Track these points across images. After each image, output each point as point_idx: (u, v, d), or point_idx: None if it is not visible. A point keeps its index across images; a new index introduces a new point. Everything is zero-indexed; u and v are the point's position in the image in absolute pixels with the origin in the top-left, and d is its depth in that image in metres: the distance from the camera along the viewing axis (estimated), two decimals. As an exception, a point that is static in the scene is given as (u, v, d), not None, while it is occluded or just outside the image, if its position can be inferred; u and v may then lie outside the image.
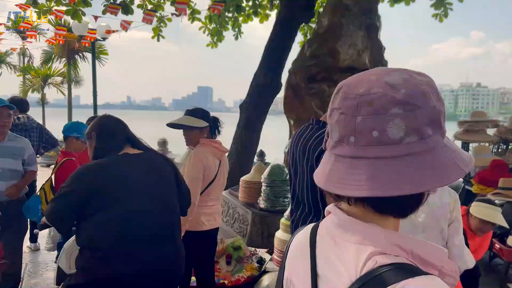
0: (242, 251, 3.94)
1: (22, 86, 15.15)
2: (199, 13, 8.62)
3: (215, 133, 3.08)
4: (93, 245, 1.83)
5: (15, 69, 21.39)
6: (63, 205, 1.86)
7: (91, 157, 2.07)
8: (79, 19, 8.04)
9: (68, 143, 3.62)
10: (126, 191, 1.87)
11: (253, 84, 6.30)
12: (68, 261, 2.32)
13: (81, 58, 14.32)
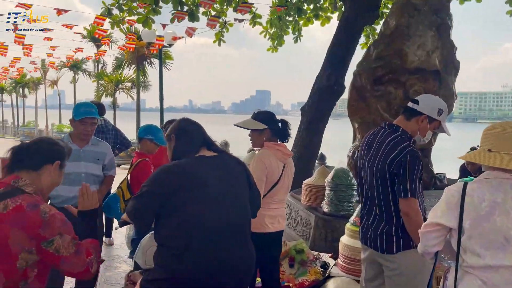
0: (305, 255, 3.93)
1: (96, 91, 16.29)
2: (260, 17, 8.76)
3: (285, 136, 3.09)
4: (169, 243, 1.92)
5: (90, 75, 23.09)
6: (143, 203, 1.98)
7: (170, 158, 2.19)
8: (149, 27, 8.49)
9: (142, 145, 3.82)
10: (201, 191, 1.95)
11: (315, 87, 6.27)
12: (144, 257, 2.46)
13: (148, 64, 15.10)
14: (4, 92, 33.96)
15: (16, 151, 1.83)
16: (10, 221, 1.59)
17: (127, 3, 8.14)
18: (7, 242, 1.58)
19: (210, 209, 1.94)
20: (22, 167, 1.77)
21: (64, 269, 1.68)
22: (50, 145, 1.88)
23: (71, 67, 22.67)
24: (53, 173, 1.83)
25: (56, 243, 1.62)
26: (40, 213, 1.63)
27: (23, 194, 1.67)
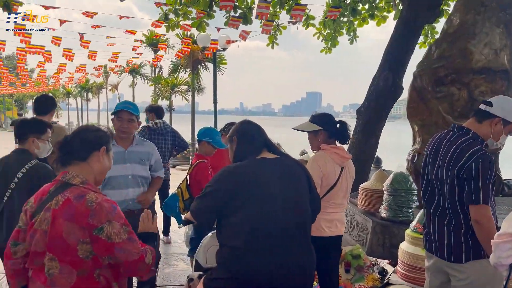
0: (362, 260, 3.84)
1: (154, 94, 16.97)
2: (313, 19, 8.70)
3: (343, 138, 3.04)
4: (231, 243, 1.96)
5: (147, 79, 24.12)
6: (205, 203, 2.04)
7: (231, 159, 2.23)
8: (203, 30, 8.71)
9: (201, 147, 3.93)
10: (262, 193, 1.98)
11: (372, 88, 6.11)
12: (204, 256, 2.53)
13: (203, 68, 15.49)
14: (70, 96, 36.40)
15: (61, 145, 1.85)
16: (61, 215, 1.66)
17: (183, 8, 8.43)
18: (62, 235, 1.66)
19: (271, 210, 1.96)
20: (71, 160, 1.81)
21: (119, 256, 1.68)
22: (92, 133, 1.90)
23: (131, 72, 23.81)
24: (102, 159, 1.87)
25: (106, 230, 1.65)
26: (86, 202, 1.67)
27: (70, 187, 1.73)
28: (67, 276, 1.67)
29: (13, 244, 1.84)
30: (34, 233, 1.72)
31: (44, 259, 1.69)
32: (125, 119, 3.06)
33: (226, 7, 7.44)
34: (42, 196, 1.77)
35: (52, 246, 1.67)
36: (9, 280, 1.87)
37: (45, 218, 1.70)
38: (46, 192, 1.78)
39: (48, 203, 1.71)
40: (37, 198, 1.80)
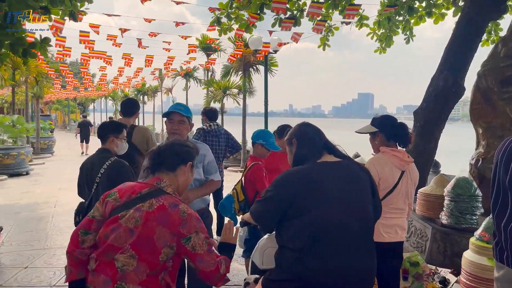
0: (421, 268, 3.69)
1: (206, 97, 17.36)
2: (367, 19, 8.51)
3: (402, 141, 2.95)
4: (292, 245, 1.96)
5: (200, 82, 24.75)
6: (267, 207, 2.06)
7: (290, 163, 2.23)
8: (251, 32, 8.79)
9: (255, 149, 3.97)
10: (324, 196, 1.96)
11: (430, 89, 5.85)
12: (261, 257, 2.55)
13: (254, 71, 15.63)
14: (127, 100, 38.18)
15: (154, 154, 2.03)
16: (155, 219, 1.78)
17: (235, 11, 8.57)
18: (153, 237, 1.77)
19: (333, 214, 1.93)
20: (161, 169, 1.98)
21: (198, 266, 1.82)
22: (182, 147, 2.07)
23: (184, 76, 24.55)
24: (187, 173, 2.03)
25: (192, 241, 1.79)
26: (180, 212, 1.81)
27: (165, 195, 1.87)
28: (139, 274, 1.76)
29: (83, 232, 1.90)
30: (117, 228, 1.80)
31: (117, 254, 1.77)
32: (176, 121, 3.06)
33: (278, 10, 7.47)
34: (131, 194, 1.87)
35: (137, 245, 1.76)
36: (71, 268, 1.89)
37: (134, 217, 1.79)
38: (136, 191, 1.88)
39: (139, 204, 1.82)
40: (124, 194, 1.89)
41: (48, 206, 8.03)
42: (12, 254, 5.11)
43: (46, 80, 18.63)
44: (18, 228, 6.38)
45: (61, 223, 6.64)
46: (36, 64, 15.09)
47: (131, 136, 4.21)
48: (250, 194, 3.80)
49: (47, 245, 5.48)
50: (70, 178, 12.04)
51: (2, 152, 12.46)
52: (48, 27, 9.37)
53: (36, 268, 4.61)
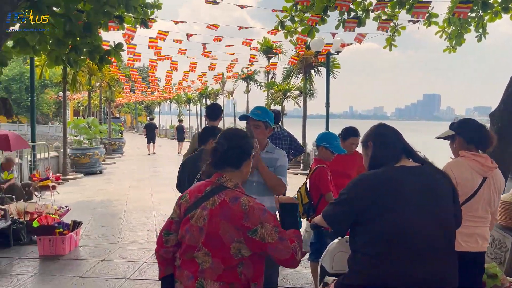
0: (499, 280, 3.46)
1: (266, 100, 17.53)
2: (436, 16, 8.12)
3: (481, 144, 2.77)
4: (367, 250, 1.92)
5: (260, 85, 25.06)
6: (340, 210, 2.04)
7: (366, 166, 2.18)
8: (313, 36, 8.73)
9: (319, 152, 3.94)
10: (403, 202, 1.90)
11: (510, 90, 5.45)
12: (331, 261, 2.53)
13: (315, 73, 15.51)
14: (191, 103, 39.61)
15: (215, 151, 2.00)
16: (218, 215, 1.82)
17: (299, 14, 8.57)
18: (218, 233, 1.81)
19: (412, 220, 1.87)
20: (225, 165, 1.96)
21: (273, 255, 1.80)
22: (243, 140, 2.01)
23: (245, 79, 24.98)
24: (250, 165, 2.04)
25: (260, 232, 1.78)
26: (241, 205, 1.81)
27: (225, 190, 1.88)
28: (216, 270, 1.83)
29: (165, 233, 2.04)
30: (190, 228, 1.89)
31: (195, 252, 1.86)
32: (252, 125, 3.05)
33: (342, 7, 7.35)
34: (198, 194, 1.94)
35: (208, 242, 1.83)
36: (159, 266, 2.07)
37: (201, 216, 1.86)
38: (202, 190, 1.94)
39: (204, 202, 1.89)
40: (192, 195, 1.97)
41: (120, 204, 8.54)
42: (90, 247, 5.51)
43: (118, 84, 19.85)
44: (95, 223, 6.86)
45: (132, 220, 7.05)
46: (109, 70, 16.16)
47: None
48: (315, 197, 3.78)
49: (121, 240, 5.85)
50: (139, 177, 12.79)
51: (79, 152, 13.47)
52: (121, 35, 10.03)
53: (112, 261, 4.93)
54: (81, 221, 5.70)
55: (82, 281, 4.32)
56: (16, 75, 45.83)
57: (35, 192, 8.05)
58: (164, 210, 7.79)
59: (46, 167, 10.65)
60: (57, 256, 5.09)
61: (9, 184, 7.43)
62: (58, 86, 41.48)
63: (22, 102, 45.45)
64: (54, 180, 8.52)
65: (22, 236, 5.64)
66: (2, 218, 5.61)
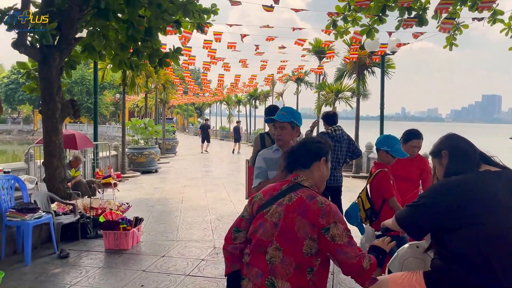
0: None
1: (317, 101, 17.37)
2: (502, 13, 7.68)
3: None
4: (457, 259, 1.87)
5: (311, 86, 24.90)
6: (418, 214, 2.00)
7: (441, 175, 2.12)
8: (373, 37, 8.54)
9: (379, 156, 3.82)
10: (495, 207, 1.84)
11: None
12: (400, 267, 2.46)
13: (369, 73, 15.17)
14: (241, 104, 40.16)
15: (289, 154, 2.16)
16: (295, 211, 1.89)
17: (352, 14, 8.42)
18: (294, 228, 1.86)
19: (501, 227, 1.81)
20: (297, 167, 2.09)
21: (340, 258, 1.81)
22: (314, 144, 2.13)
23: (296, 80, 24.93)
24: (322, 168, 2.10)
25: (332, 231, 1.83)
26: (317, 202, 1.88)
27: (302, 188, 1.98)
28: (286, 267, 1.86)
29: (235, 230, 2.13)
30: (263, 223, 1.96)
31: (268, 248, 1.91)
32: (277, 126, 3.09)
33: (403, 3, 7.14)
34: (273, 192, 2.03)
35: (281, 237, 1.89)
36: (226, 262, 2.12)
37: (276, 211, 1.94)
38: (277, 189, 2.04)
39: (280, 199, 1.97)
40: (267, 193, 2.07)
41: (176, 202, 8.83)
42: (150, 243, 5.74)
43: (172, 86, 20.52)
44: (153, 220, 7.14)
45: (188, 218, 7.26)
46: (164, 72, 16.76)
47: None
48: (377, 202, 3.69)
49: (178, 237, 6.04)
50: (192, 176, 13.15)
51: (137, 152, 14.08)
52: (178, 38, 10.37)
53: (172, 257, 5.10)
54: (142, 218, 5.96)
55: (145, 275, 4.51)
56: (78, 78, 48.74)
57: (99, 189, 8.52)
58: (219, 210, 7.95)
59: (107, 165, 11.24)
60: (121, 250, 5.36)
61: (75, 181, 7.91)
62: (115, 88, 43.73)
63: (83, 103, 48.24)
64: (115, 178, 8.98)
65: (89, 230, 5.99)
66: (71, 212, 5.99)
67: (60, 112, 6.57)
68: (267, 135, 4.71)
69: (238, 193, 9.65)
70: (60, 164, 6.55)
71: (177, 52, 8.11)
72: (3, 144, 47.13)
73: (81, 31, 7.33)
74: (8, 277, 4.37)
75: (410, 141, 4.01)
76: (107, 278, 4.44)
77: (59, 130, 6.58)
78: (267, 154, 3.21)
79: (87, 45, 7.35)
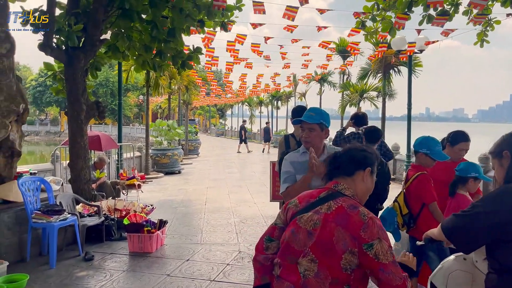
0: None
1: (341, 101, 17.06)
2: (533, 10, 7.28)
3: None
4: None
5: (334, 86, 24.57)
6: (469, 224, 1.80)
7: (501, 179, 1.91)
8: (394, 34, 8.26)
9: (418, 158, 3.60)
10: None
11: None
12: (445, 280, 2.27)
13: (395, 72, 14.78)
14: (262, 105, 40.01)
15: (331, 160, 1.98)
16: (334, 220, 1.71)
17: (381, 13, 8.17)
18: (332, 239, 1.68)
19: None
20: (339, 174, 1.90)
21: (383, 279, 1.63)
22: (359, 152, 1.94)
23: (319, 80, 24.62)
24: (365, 179, 1.90)
25: (375, 248, 1.64)
26: (360, 214, 1.69)
27: (343, 197, 1.80)
28: (320, 282, 1.69)
29: (267, 239, 1.97)
30: (297, 231, 1.79)
31: (299, 258, 1.74)
32: (305, 128, 2.89)
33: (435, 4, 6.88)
34: (310, 199, 1.87)
35: (317, 248, 1.72)
36: (255, 273, 1.97)
37: (312, 219, 1.77)
38: (314, 196, 1.87)
39: (318, 206, 1.80)
40: (303, 200, 1.90)
41: (199, 204, 8.74)
42: (175, 246, 5.65)
43: (194, 88, 20.58)
44: (177, 222, 7.07)
45: (212, 221, 7.15)
46: (188, 73, 16.78)
47: None
48: (415, 207, 3.47)
49: (203, 241, 5.93)
50: (215, 177, 13.09)
51: (160, 153, 14.12)
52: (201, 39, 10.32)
53: (196, 261, 4.99)
54: (166, 220, 5.88)
55: (170, 280, 4.41)
56: (102, 80, 49.66)
57: (123, 190, 8.52)
58: (243, 212, 7.82)
59: (131, 166, 11.28)
60: (145, 253, 5.28)
61: (100, 182, 7.92)
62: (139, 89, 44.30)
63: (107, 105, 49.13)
64: (139, 179, 8.96)
65: (113, 232, 5.95)
66: (96, 214, 5.96)
67: (85, 114, 6.57)
68: (291, 136, 4.56)
69: (261, 195, 9.51)
70: (85, 165, 6.56)
71: (197, 52, 8.03)
72: (31, 145, 48.46)
73: (105, 32, 7.34)
74: (33, 279, 4.34)
75: (458, 144, 3.70)
76: (131, 282, 4.37)
77: (84, 131, 6.58)
78: (294, 157, 3.01)
79: (111, 45, 7.35)
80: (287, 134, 4.71)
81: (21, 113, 5.36)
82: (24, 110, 5.41)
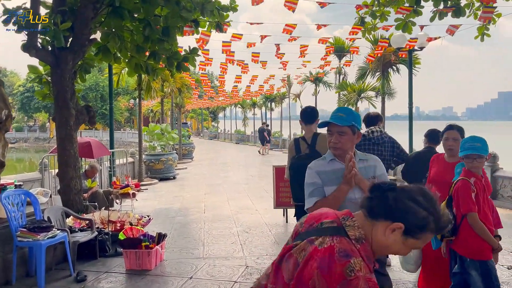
0: None
1: (338, 102, 16.71)
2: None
3: None
4: None
5: (330, 86, 24.24)
6: None
7: None
8: (410, 31, 7.93)
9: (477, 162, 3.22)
10: None
11: None
12: None
13: (393, 71, 14.47)
14: (256, 107, 39.57)
15: (371, 188, 1.48)
16: (317, 261, 1.33)
17: (380, 9, 7.85)
18: (308, 281, 1.33)
19: None
20: (378, 216, 1.41)
21: None
22: (408, 202, 1.39)
23: (314, 81, 24.28)
24: (387, 235, 1.38)
25: None
26: (346, 268, 1.28)
27: (342, 237, 1.37)
28: None
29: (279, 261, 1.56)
30: (289, 257, 1.46)
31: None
32: (335, 132, 2.48)
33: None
34: (314, 223, 1.49)
35: (296, 284, 1.39)
36: None
37: (303, 248, 1.42)
38: (319, 220, 1.48)
39: (313, 236, 1.42)
40: (309, 220, 1.53)
41: (198, 212, 8.29)
42: (175, 261, 5.19)
43: (187, 90, 20.10)
44: (176, 233, 6.61)
45: (213, 230, 6.71)
46: (181, 76, 16.31)
47: (315, 144, 4.02)
48: (457, 216, 3.08)
49: (205, 254, 5.49)
50: (211, 182, 12.63)
51: (154, 158, 13.62)
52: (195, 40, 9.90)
53: (200, 279, 4.54)
54: (165, 234, 5.42)
55: (173, 302, 3.97)
56: (92, 85, 48.89)
57: (116, 200, 8.04)
58: (245, 220, 7.38)
59: (124, 173, 10.79)
60: (143, 270, 4.82)
61: (92, 192, 7.44)
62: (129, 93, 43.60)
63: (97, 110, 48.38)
64: (133, 187, 8.49)
65: (108, 248, 5.47)
66: (88, 228, 5.48)
67: (75, 119, 6.10)
68: (302, 139, 4.18)
69: (262, 201, 9.08)
70: (75, 174, 6.07)
71: (193, 53, 7.58)
72: (20, 151, 47.50)
73: (95, 32, 6.88)
74: (19, 307, 3.87)
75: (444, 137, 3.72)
76: (129, 307, 3.91)
77: (74, 138, 6.10)
78: (321, 166, 2.56)
79: (101, 47, 6.88)
80: (297, 137, 4.34)
81: (3, 120, 4.87)
82: (7, 116, 4.91)
